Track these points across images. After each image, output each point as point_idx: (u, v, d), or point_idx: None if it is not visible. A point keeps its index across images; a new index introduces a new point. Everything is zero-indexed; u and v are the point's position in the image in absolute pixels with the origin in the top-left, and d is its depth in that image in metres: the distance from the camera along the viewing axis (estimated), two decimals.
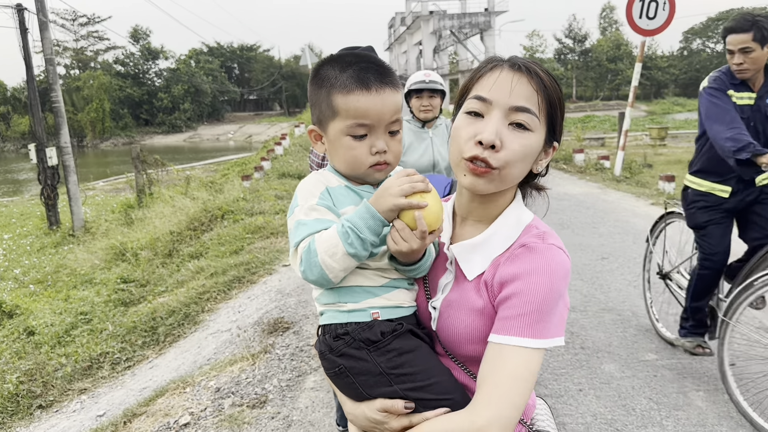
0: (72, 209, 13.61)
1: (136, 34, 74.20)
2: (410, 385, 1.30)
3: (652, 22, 12.15)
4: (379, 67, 1.38)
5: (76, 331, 6.38)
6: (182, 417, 3.92)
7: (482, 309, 1.32)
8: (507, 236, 1.36)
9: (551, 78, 1.32)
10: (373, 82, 1.34)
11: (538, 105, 1.28)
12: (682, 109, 61.42)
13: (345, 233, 1.25)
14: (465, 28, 54.38)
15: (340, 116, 1.36)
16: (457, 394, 1.32)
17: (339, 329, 1.35)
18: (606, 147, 22.20)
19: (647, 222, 8.70)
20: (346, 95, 1.34)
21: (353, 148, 1.37)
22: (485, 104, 1.29)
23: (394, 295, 1.39)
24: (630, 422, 3.57)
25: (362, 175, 1.42)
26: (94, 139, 64.13)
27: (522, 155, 1.29)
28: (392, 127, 1.39)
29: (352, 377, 1.34)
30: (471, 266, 1.37)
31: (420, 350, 1.35)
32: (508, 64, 1.31)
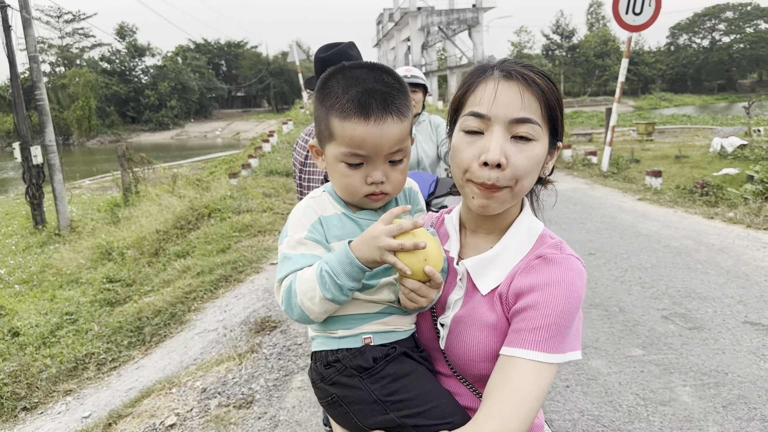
0: (58, 208, 13.49)
1: (122, 31, 73.70)
2: (407, 411, 1.23)
3: (638, 17, 12.21)
4: (387, 90, 1.24)
5: (62, 332, 6.32)
6: (168, 418, 3.89)
7: (495, 324, 1.27)
8: (520, 247, 1.32)
9: (547, 80, 1.26)
10: (374, 110, 1.21)
11: (539, 113, 1.23)
12: (669, 105, 61.87)
13: (322, 277, 1.17)
14: (453, 24, 54.40)
15: (336, 141, 1.26)
16: (457, 416, 1.25)
17: (330, 356, 1.29)
18: (593, 143, 22.30)
19: (634, 217, 8.75)
20: (343, 121, 1.23)
21: (348, 176, 1.27)
22: (483, 121, 1.23)
23: (389, 320, 1.32)
24: (617, 418, 3.58)
25: (358, 203, 1.34)
26: (80, 137, 63.63)
27: (530, 168, 1.24)
28: (393, 157, 1.27)
29: (346, 406, 1.27)
30: (485, 280, 1.31)
31: (416, 373, 1.28)
32: (500, 73, 1.25)
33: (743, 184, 10.30)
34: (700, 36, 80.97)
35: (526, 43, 76.82)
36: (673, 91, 75.04)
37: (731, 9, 77.16)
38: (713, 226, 8.12)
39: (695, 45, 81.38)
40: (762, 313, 5.00)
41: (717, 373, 4.06)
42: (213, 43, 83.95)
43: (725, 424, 3.46)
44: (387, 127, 1.23)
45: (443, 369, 1.36)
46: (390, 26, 63.87)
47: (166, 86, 70.47)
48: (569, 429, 3.50)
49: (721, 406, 3.65)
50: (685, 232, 7.82)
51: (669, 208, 9.49)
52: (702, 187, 10.14)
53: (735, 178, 11.68)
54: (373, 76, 1.26)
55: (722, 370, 4.09)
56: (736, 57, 76.03)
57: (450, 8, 55.21)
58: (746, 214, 8.46)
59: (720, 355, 4.31)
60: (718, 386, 3.88)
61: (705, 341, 4.55)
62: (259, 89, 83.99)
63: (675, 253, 6.81)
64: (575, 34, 78.40)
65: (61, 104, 62.45)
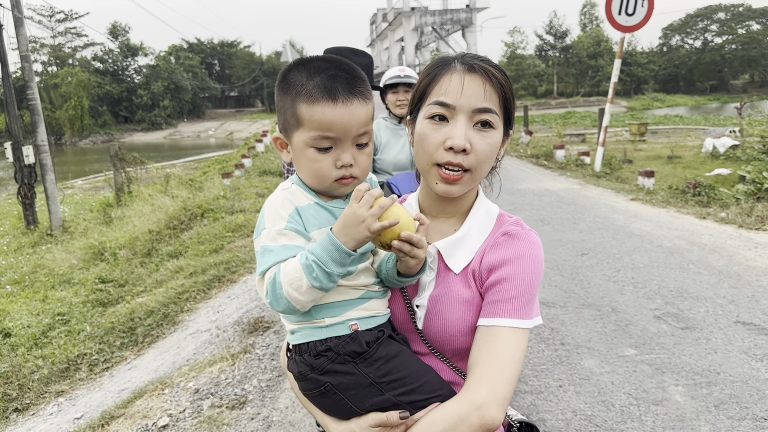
0: (50, 208, 13.41)
1: (115, 30, 73.31)
2: (402, 389, 1.28)
3: (631, 18, 12.26)
4: (350, 75, 1.30)
5: (54, 333, 6.29)
6: (161, 419, 3.87)
7: (470, 299, 1.36)
8: (483, 228, 1.44)
9: (502, 73, 1.37)
10: (341, 93, 1.26)
11: (497, 103, 1.34)
12: (662, 105, 62.08)
13: (309, 267, 1.18)
14: (446, 24, 54.52)
15: (304, 127, 1.29)
16: (446, 389, 1.32)
17: (319, 346, 1.30)
18: (586, 143, 22.35)
19: (627, 218, 8.78)
20: (311, 105, 1.27)
21: (317, 160, 1.30)
22: (449, 110, 1.33)
23: (370, 305, 1.36)
24: (609, 418, 3.59)
25: (327, 189, 1.35)
26: (73, 137, 63.29)
27: (489, 154, 1.35)
28: (360, 140, 1.32)
29: (341, 393, 1.29)
30: (456, 260, 1.40)
31: (403, 353, 1.34)
32: (463, 66, 1.35)
33: (735, 185, 10.34)
34: (692, 37, 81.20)
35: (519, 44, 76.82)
36: (666, 91, 75.18)
37: (723, 10, 77.42)
38: (705, 226, 8.16)
39: (687, 46, 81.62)
40: (753, 313, 5.02)
41: (709, 372, 4.07)
42: (206, 42, 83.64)
43: (717, 424, 3.47)
44: (354, 109, 1.28)
45: (419, 348, 1.42)
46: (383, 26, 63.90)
47: (159, 86, 70.19)
48: (562, 429, 3.51)
49: (713, 405, 3.66)
50: (677, 232, 7.85)
51: (661, 209, 9.53)
52: (694, 188, 10.18)
53: (727, 179, 11.73)
54: (333, 65, 1.31)
55: (714, 369, 4.11)
56: (728, 58, 76.31)
57: (444, 8, 55.33)
58: (738, 214, 8.50)
59: (712, 354, 4.33)
60: (710, 386, 3.89)
61: (697, 341, 4.56)
62: (253, 89, 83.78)
63: (667, 253, 6.84)
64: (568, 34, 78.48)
65: (54, 104, 62.10)
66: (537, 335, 4.82)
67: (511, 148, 19.74)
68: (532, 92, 74.78)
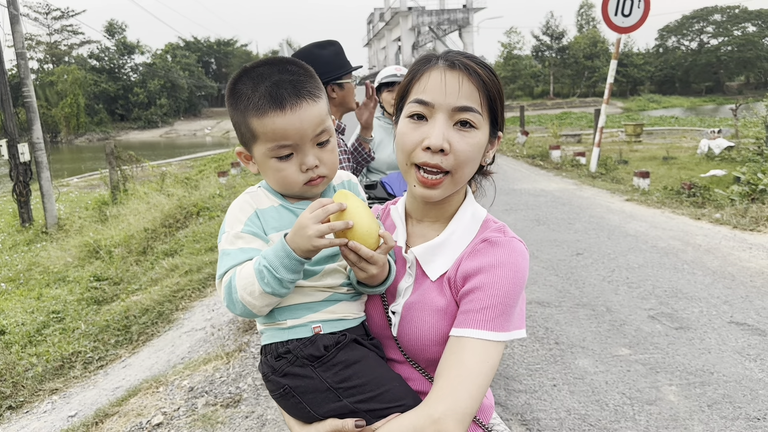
0: (45, 206, 13.38)
1: (112, 28, 73.24)
2: (360, 396, 1.25)
3: (627, 19, 12.28)
4: (294, 76, 1.27)
5: (48, 330, 6.27)
6: (155, 417, 3.87)
7: (445, 308, 1.30)
8: (466, 233, 1.37)
9: (489, 71, 1.31)
10: (287, 99, 1.24)
11: (479, 102, 1.28)
12: (658, 106, 62.24)
13: (260, 272, 1.17)
14: (443, 24, 54.52)
15: (260, 139, 1.27)
16: (409, 399, 1.27)
17: (280, 348, 1.29)
18: (582, 143, 22.40)
19: (622, 218, 8.80)
20: (261, 117, 1.24)
21: (281, 169, 1.29)
22: (427, 107, 1.28)
23: (337, 308, 1.33)
24: (603, 417, 3.60)
25: (299, 193, 1.34)
26: (69, 134, 63.17)
27: (471, 155, 1.29)
28: (319, 139, 1.30)
29: (298, 397, 1.27)
30: (434, 267, 1.36)
31: (367, 359, 1.30)
32: (445, 62, 1.30)
33: (730, 186, 10.38)
34: (688, 38, 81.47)
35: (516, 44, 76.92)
36: (662, 92, 75.45)
37: (719, 12, 77.70)
38: (700, 226, 8.18)
39: (683, 47, 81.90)
40: (747, 313, 5.04)
41: (703, 372, 4.09)
42: (203, 41, 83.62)
43: (710, 423, 3.49)
44: (304, 112, 1.25)
45: (395, 355, 1.38)
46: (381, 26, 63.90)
47: (156, 84, 70.12)
48: (556, 428, 3.51)
49: (706, 405, 3.68)
50: (672, 232, 7.87)
51: (656, 209, 9.55)
52: (689, 188, 10.21)
53: (722, 180, 11.77)
54: (276, 69, 1.28)
55: (708, 369, 4.13)
56: (723, 59, 76.58)
57: (440, 8, 55.34)
58: (733, 215, 8.53)
59: (706, 354, 4.35)
60: (703, 385, 3.91)
61: (691, 341, 4.58)
62: None
63: (662, 254, 6.86)
64: (565, 35, 78.64)
65: (49, 101, 61.95)
66: (532, 334, 4.83)
67: (507, 149, 19.76)
68: (529, 93, 74.91)
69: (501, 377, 4.15)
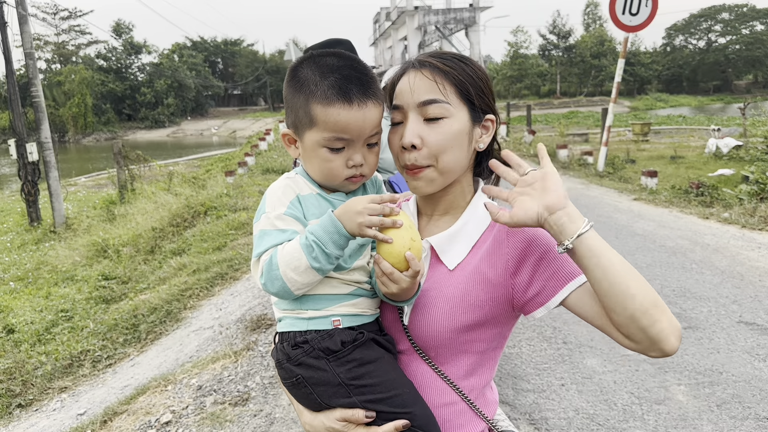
0: (53, 205, 13.45)
1: (119, 28, 73.44)
2: (370, 396, 1.26)
3: (635, 18, 12.23)
4: (363, 76, 1.29)
5: (57, 329, 6.30)
6: (164, 415, 3.89)
7: (461, 297, 1.33)
8: (480, 223, 1.40)
9: (456, 61, 1.34)
10: (356, 95, 1.25)
11: (442, 91, 1.31)
12: (665, 105, 61.93)
13: (309, 246, 1.19)
14: (450, 23, 54.39)
15: (318, 127, 1.28)
16: (417, 407, 1.29)
17: (298, 337, 1.30)
18: (589, 143, 22.33)
19: (630, 217, 8.77)
20: (327, 107, 1.25)
21: (330, 160, 1.30)
22: (401, 111, 1.35)
23: (358, 303, 1.34)
24: (612, 417, 3.59)
25: (337, 186, 1.37)
26: (76, 134, 63.39)
27: (447, 143, 1.31)
28: (371, 140, 1.33)
29: (310, 387, 1.29)
30: (451, 256, 1.38)
31: (382, 361, 1.31)
32: (412, 65, 1.36)
33: (738, 185, 10.33)
34: (696, 37, 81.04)
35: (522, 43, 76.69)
36: (669, 91, 75.03)
37: (727, 10, 77.26)
38: (708, 226, 8.15)
39: (691, 46, 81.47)
40: (756, 313, 5.02)
41: (711, 372, 4.08)
42: (209, 40, 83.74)
43: (719, 423, 3.47)
44: (368, 111, 1.28)
45: (404, 346, 1.39)
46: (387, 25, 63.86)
47: (163, 84, 70.29)
48: (564, 427, 3.51)
49: (715, 405, 3.66)
50: (680, 232, 7.84)
51: (664, 208, 9.51)
52: (697, 188, 10.17)
53: (730, 179, 11.71)
54: (345, 63, 1.30)
55: (717, 369, 4.11)
56: (731, 58, 76.16)
57: (447, 8, 55.22)
58: (741, 214, 8.49)
59: (714, 354, 4.33)
60: (712, 385, 3.89)
61: (700, 341, 4.56)
62: (256, 87, 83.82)
63: (670, 253, 6.83)
64: (572, 34, 78.30)
65: (57, 101, 62.18)
66: (539, 334, 4.83)
67: (514, 148, 19.71)
68: (535, 92, 74.66)
69: (509, 376, 4.15)
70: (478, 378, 1.39)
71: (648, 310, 1.13)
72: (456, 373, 1.37)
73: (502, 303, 1.34)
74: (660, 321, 1.13)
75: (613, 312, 1.16)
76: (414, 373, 1.37)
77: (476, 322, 1.33)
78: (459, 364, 1.37)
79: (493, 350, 1.41)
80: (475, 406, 1.38)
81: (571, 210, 1.16)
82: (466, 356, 1.37)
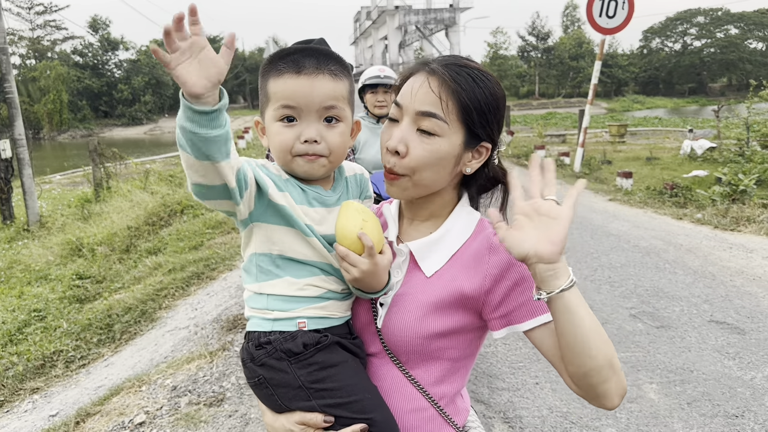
0: (27, 203, 13.23)
1: (95, 24, 72.49)
2: (329, 401, 1.25)
3: (611, 20, 12.37)
4: (323, 55, 1.28)
5: (29, 329, 6.20)
6: (137, 416, 3.85)
7: (436, 304, 1.31)
8: (462, 232, 1.38)
9: (471, 80, 1.28)
10: (307, 67, 1.24)
11: (445, 110, 1.26)
12: (642, 107, 62.74)
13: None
14: (430, 23, 54.61)
15: (271, 101, 1.28)
16: (378, 414, 1.28)
17: (262, 338, 1.29)
18: (567, 143, 22.52)
19: (605, 218, 8.87)
20: (277, 78, 1.26)
21: (281, 133, 1.27)
22: (399, 110, 1.31)
23: (327, 306, 1.33)
24: (584, 414, 3.63)
25: (292, 167, 1.30)
26: (52, 131, 62.40)
27: (428, 161, 1.28)
28: (327, 113, 1.28)
29: (272, 388, 1.28)
30: (429, 263, 1.36)
31: (345, 365, 1.29)
32: (429, 68, 1.30)
33: (711, 186, 10.50)
34: (672, 40, 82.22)
35: (502, 44, 77.15)
36: (646, 93, 76.04)
37: (702, 14, 78.50)
38: (682, 226, 8.27)
39: (667, 49, 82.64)
40: (727, 312, 5.11)
41: (683, 370, 4.14)
42: None
43: (689, 421, 3.53)
44: (318, 81, 1.25)
45: (376, 349, 1.38)
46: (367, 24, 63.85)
47: (140, 81, 69.52)
48: (538, 425, 3.54)
49: (686, 402, 3.73)
50: (654, 232, 7.95)
51: (639, 209, 9.64)
52: (671, 189, 10.31)
53: (704, 180, 11.89)
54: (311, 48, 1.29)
55: (688, 367, 4.18)
56: (706, 61, 77.42)
57: (427, 8, 55.44)
58: (714, 215, 8.63)
59: (686, 353, 4.40)
60: (683, 383, 3.96)
61: (672, 339, 4.64)
62: (235, 85, 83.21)
63: (644, 253, 6.93)
64: (551, 36, 79.09)
65: (32, 97, 61.16)
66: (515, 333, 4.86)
67: None
68: (515, 93, 75.21)
69: (484, 375, 4.18)
70: (450, 385, 1.38)
71: (602, 370, 1.15)
72: (427, 379, 1.36)
73: (473, 313, 1.34)
74: (609, 381, 1.16)
75: (571, 364, 1.18)
76: (384, 377, 1.37)
77: (448, 329, 1.33)
78: (430, 370, 1.36)
79: (465, 358, 1.40)
80: (444, 413, 1.37)
81: (560, 266, 1.13)
82: (437, 363, 1.36)
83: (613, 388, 1.17)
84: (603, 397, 1.18)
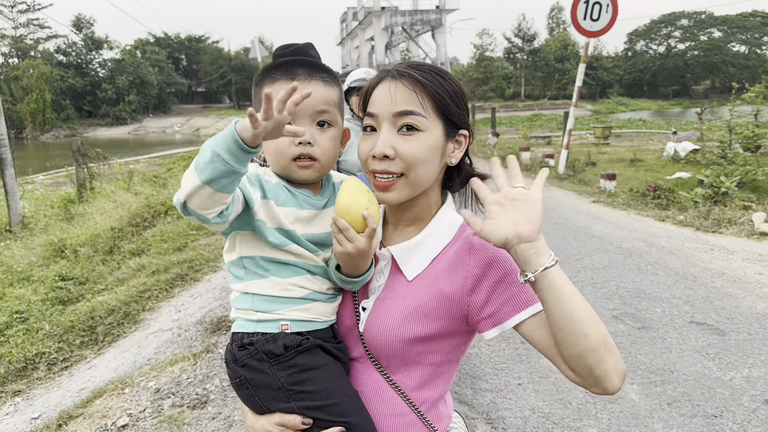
0: (9, 204, 13.10)
1: (79, 22, 71.87)
2: (308, 403, 1.27)
3: (595, 23, 12.46)
4: (315, 65, 1.36)
5: (11, 331, 6.14)
6: (120, 418, 3.83)
7: (416, 308, 1.33)
8: (443, 236, 1.40)
9: (434, 74, 1.34)
10: (300, 74, 1.33)
11: (420, 104, 1.31)
12: (626, 109, 63.23)
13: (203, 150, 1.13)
14: (417, 25, 54.71)
15: None
16: (356, 418, 1.29)
17: (245, 338, 1.31)
18: (552, 145, 22.65)
19: (588, 219, 8.94)
20: (272, 85, 1.32)
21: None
22: (374, 119, 1.34)
23: (311, 308, 1.34)
24: (566, 415, 3.66)
25: (288, 171, 1.35)
26: (35, 131, 61.73)
27: (419, 156, 1.31)
28: (320, 118, 1.34)
29: (252, 389, 1.30)
30: (411, 267, 1.38)
31: (325, 368, 1.31)
32: (391, 74, 1.35)
33: (694, 188, 10.61)
34: (656, 42, 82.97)
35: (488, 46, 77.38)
36: (630, 95, 76.67)
37: (686, 17, 79.29)
38: (664, 228, 8.36)
39: (652, 51, 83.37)
40: (707, 313, 5.17)
41: (663, 371, 4.19)
42: (173, 36, 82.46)
43: (669, 421, 3.58)
44: (311, 86, 1.31)
45: (358, 353, 1.40)
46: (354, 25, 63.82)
47: (124, 80, 69.00)
48: (520, 426, 3.57)
49: (666, 403, 3.77)
50: (637, 234, 8.03)
51: (622, 211, 9.73)
52: (654, 191, 10.41)
53: (687, 182, 12.01)
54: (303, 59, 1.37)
55: (668, 368, 4.23)
56: (690, 64, 78.17)
57: (414, 9, 55.50)
58: (696, 217, 8.73)
59: (667, 354, 4.45)
60: (664, 384, 4.00)
61: (653, 340, 4.69)
62: (220, 85, 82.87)
63: (627, 255, 6.99)
64: (536, 38, 79.43)
65: (14, 97, 60.48)
66: (498, 334, 4.89)
67: (478, 150, 19.90)
68: (500, 94, 75.45)
69: (468, 376, 4.20)
70: (431, 390, 1.39)
71: (597, 350, 1.15)
72: (408, 384, 1.37)
73: (457, 318, 1.35)
74: (606, 361, 1.16)
75: (564, 346, 1.18)
76: (366, 381, 1.38)
77: (430, 334, 1.34)
78: (411, 375, 1.37)
79: (448, 363, 1.41)
80: (425, 418, 1.37)
81: (541, 244, 1.16)
82: (419, 367, 1.37)
83: (611, 369, 1.16)
84: (603, 380, 1.17)
